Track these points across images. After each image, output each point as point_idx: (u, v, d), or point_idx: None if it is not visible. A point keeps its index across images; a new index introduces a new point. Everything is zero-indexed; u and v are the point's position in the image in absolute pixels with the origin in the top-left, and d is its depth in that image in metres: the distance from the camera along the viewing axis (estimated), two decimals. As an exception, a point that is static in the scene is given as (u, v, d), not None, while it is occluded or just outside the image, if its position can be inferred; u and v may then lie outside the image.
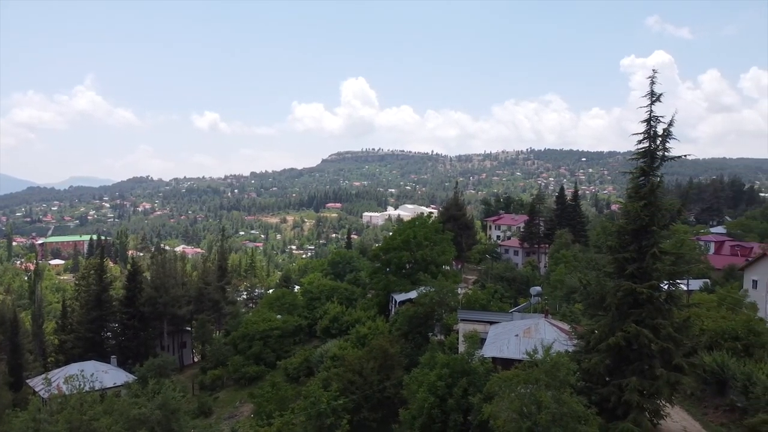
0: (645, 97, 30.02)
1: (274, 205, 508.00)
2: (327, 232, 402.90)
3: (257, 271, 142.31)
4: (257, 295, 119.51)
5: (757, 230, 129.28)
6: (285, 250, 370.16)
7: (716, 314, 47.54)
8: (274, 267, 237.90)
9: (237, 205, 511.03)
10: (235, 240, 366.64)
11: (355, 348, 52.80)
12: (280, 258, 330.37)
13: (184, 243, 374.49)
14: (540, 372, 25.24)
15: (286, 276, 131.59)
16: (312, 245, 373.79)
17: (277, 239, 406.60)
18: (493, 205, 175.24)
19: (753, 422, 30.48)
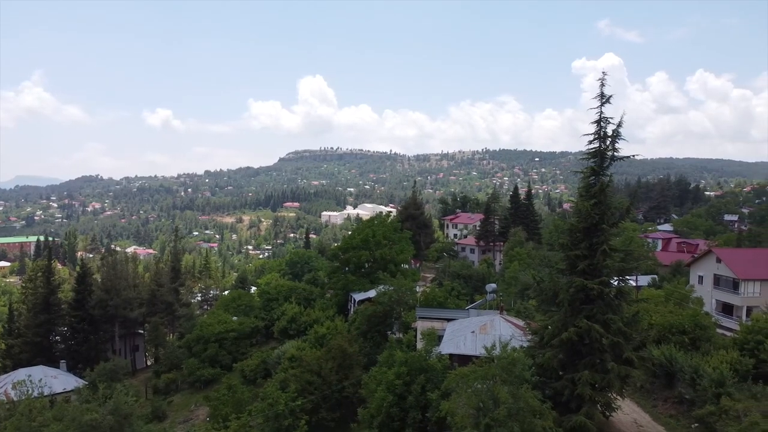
0: (596, 99, 30.91)
1: (230, 205, 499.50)
2: (284, 232, 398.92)
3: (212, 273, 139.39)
4: (212, 296, 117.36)
5: (703, 228, 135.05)
6: (241, 251, 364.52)
7: (664, 309, 49.35)
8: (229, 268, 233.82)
9: (191, 204, 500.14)
10: (188, 240, 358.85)
11: (314, 348, 52.51)
12: (235, 259, 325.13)
13: (136, 244, 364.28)
14: (496, 368, 25.64)
15: (242, 277, 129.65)
16: (269, 245, 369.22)
17: (233, 239, 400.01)
18: (451, 204, 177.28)
19: (700, 413, 31.76)
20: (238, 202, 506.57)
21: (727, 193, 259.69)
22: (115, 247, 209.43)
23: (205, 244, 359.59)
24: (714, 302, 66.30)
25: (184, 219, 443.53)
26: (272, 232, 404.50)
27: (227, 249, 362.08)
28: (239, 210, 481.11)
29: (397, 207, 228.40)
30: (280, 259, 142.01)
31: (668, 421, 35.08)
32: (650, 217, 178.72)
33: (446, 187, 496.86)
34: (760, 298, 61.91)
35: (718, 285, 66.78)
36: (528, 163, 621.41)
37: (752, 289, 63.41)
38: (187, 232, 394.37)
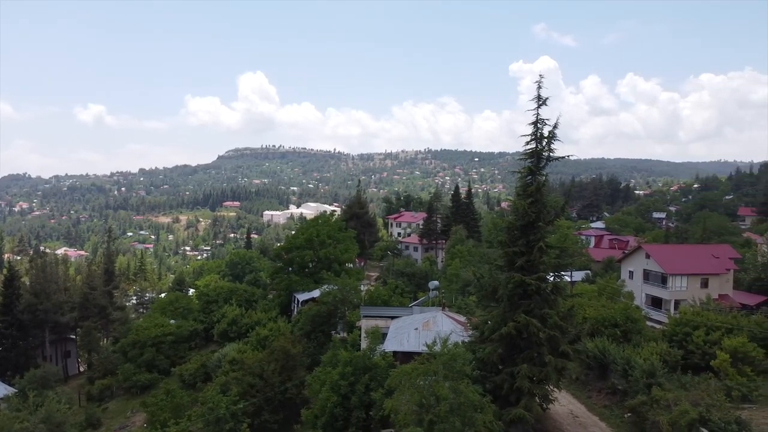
0: (532, 101, 31.77)
1: (166, 204, 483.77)
2: (224, 232, 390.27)
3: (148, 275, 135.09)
4: (148, 299, 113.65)
5: (633, 225, 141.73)
6: (178, 252, 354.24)
7: (597, 303, 51.48)
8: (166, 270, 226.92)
9: (124, 204, 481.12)
10: (122, 241, 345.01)
11: (256, 350, 51.89)
12: (172, 260, 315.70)
13: (67, 245, 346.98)
14: (438, 364, 26.00)
15: (179, 279, 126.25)
16: (208, 246, 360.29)
17: (170, 240, 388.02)
18: (395, 203, 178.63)
19: (632, 403, 33.25)
20: (175, 202, 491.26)
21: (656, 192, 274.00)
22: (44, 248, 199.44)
23: (140, 245, 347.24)
24: (644, 296, 69.72)
25: (118, 219, 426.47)
26: (211, 232, 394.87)
27: (163, 250, 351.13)
28: (176, 210, 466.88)
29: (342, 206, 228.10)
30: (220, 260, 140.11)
31: (602, 412, 36.60)
32: (583, 215, 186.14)
33: (390, 187, 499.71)
34: (687, 291, 65.59)
35: (647, 280, 70.25)
36: (468, 163, 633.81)
37: (679, 283, 67.08)
38: (120, 232, 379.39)
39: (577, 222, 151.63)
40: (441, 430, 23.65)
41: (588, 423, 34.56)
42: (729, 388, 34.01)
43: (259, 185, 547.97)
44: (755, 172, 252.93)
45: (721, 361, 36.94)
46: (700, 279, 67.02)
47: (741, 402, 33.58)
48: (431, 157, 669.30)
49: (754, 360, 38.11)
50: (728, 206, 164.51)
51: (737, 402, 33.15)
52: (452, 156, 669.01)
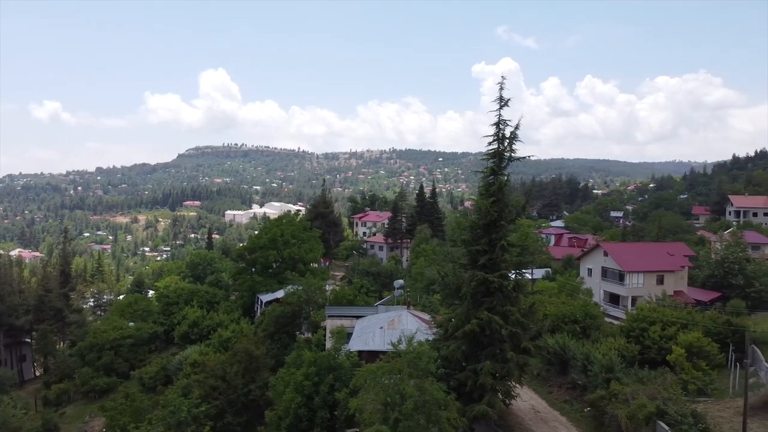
0: (495, 102, 32.27)
1: (124, 204, 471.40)
2: (185, 232, 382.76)
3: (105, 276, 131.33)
4: (106, 301, 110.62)
5: (591, 223, 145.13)
6: (137, 253, 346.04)
7: (557, 300, 52.63)
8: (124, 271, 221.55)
9: (81, 203, 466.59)
10: (79, 242, 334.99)
11: (218, 352, 51.30)
12: (131, 261, 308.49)
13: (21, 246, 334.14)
14: (403, 362, 26.10)
15: (138, 280, 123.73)
16: (168, 246, 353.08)
17: (128, 241, 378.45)
18: (360, 202, 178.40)
19: (592, 398, 34.06)
20: (134, 201, 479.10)
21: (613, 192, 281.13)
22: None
23: (97, 245, 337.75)
24: (602, 293, 71.47)
25: (74, 219, 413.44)
26: (171, 232, 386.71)
27: (122, 251, 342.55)
28: (134, 209, 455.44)
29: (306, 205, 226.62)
30: (180, 261, 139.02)
31: (563, 406, 37.38)
32: (544, 214, 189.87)
33: (355, 186, 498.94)
34: (644, 288, 67.51)
35: (605, 277, 72.00)
36: (432, 162, 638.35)
37: (636, 280, 68.94)
38: (77, 233, 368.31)
39: (537, 221, 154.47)
40: (406, 427, 23.74)
41: (549, 418, 35.25)
42: (685, 382, 35.13)
43: (221, 184, 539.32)
44: (708, 172, 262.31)
45: (677, 355, 38.14)
46: (656, 276, 69.03)
47: (697, 395, 34.70)
48: (396, 156, 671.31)
49: (709, 354, 39.48)
50: (683, 205, 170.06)
51: (693, 395, 34.24)
52: (417, 156, 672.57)
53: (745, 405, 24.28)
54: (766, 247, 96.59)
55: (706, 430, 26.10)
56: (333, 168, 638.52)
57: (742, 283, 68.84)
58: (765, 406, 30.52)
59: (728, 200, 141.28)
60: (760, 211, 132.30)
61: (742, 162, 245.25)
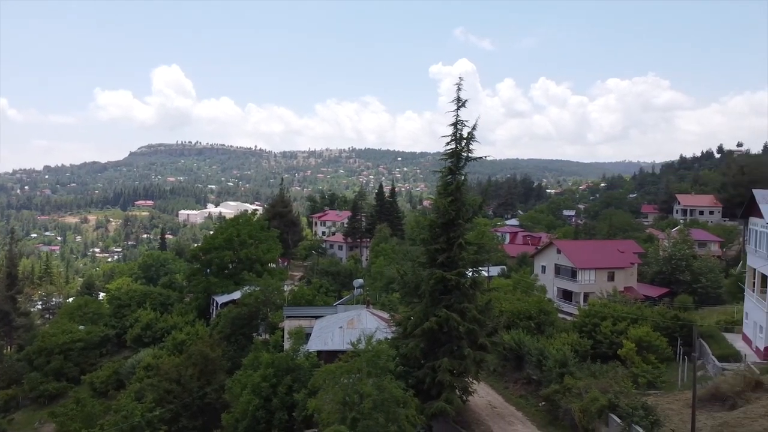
0: (452, 103, 32.67)
1: (74, 204, 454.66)
2: (137, 233, 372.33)
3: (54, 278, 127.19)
4: (55, 304, 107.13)
5: (544, 222, 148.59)
6: (87, 254, 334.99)
7: (513, 297, 53.60)
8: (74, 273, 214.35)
9: (28, 203, 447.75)
10: (26, 243, 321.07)
11: (172, 355, 50.58)
12: (81, 263, 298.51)
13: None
14: (362, 361, 26.09)
15: (88, 282, 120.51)
16: (119, 247, 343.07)
17: (77, 241, 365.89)
18: (319, 201, 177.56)
19: (546, 392, 34.82)
20: (83, 201, 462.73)
21: (566, 191, 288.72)
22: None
23: (45, 246, 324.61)
24: (555, 289, 73.23)
25: (21, 219, 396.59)
26: (122, 233, 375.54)
27: (71, 252, 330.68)
28: (84, 209, 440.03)
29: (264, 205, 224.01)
30: (132, 262, 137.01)
31: (519, 401, 38.09)
32: (499, 212, 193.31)
33: (314, 185, 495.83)
34: (595, 284, 69.47)
35: (558, 274, 73.79)
36: (391, 162, 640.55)
37: (588, 277, 70.91)
38: (24, 233, 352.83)
39: (493, 219, 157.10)
40: (365, 426, 23.75)
41: (505, 413, 35.85)
42: (635, 376, 36.22)
43: (175, 183, 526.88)
44: (657, 172, 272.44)
45: (628, 349, 39.33)
46: (607, 273, 71.15)
47: (647, 388, 35.75)
48: (355, 155, 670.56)
49: (658, 348, 40.86)
50: (632, 204, 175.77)
51: (643, 388, 35.29)
52: (376, 155, 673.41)
53: (693, 397, 25.24)
54: (712, 244, 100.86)
55: (656, 423, 26.91)
56: (291, 167, 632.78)
57: (689, 279, 71.65)
58: (712, 399, 31.72)
59: (676, 199, 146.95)
60: (705, 210, 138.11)
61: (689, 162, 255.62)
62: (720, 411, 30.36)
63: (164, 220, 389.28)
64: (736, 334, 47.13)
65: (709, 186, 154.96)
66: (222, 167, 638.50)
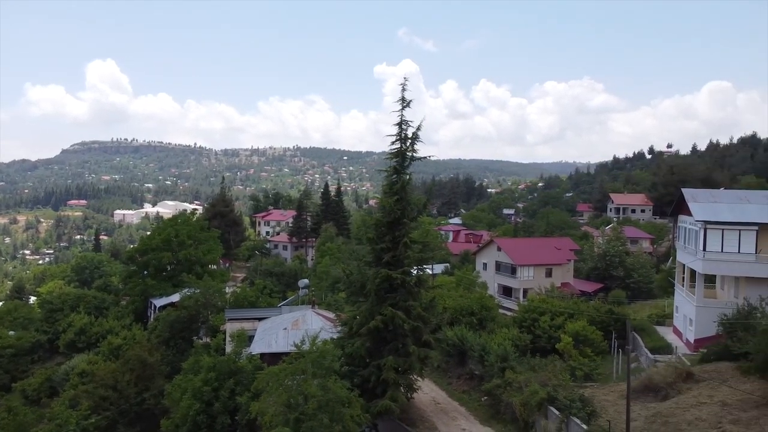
0: (397, 103, 32.94)
1: (2, 203, 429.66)
2: (70, 234, 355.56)
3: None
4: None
5: (486, 220, 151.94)
6: (16, 256, 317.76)
7: (456, 294, 54.51)
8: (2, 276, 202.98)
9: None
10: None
11: (108, 361, 48.91)
12: (10, 265, 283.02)
13: None
14: (306, 362, 25.88)
15: (18, 286, 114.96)
16: (51, 249, 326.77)
17: (6, 243, 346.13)
18: (263, 201, 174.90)
19: (488, 387, 35.52)
20: (12, 201, 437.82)
21: (506, 191, 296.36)
22: None
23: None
24: (496, 286, 74.97)
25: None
26: (54, 234, 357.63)
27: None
28: (13, 209, 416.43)
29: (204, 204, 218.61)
30: (65, 265, 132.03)
31: (462, 397, 38.71)
32: (443, 211, 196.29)
33: (258, 184, 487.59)
34: (534, 280, 71.57)
35: (499, 270, 75.58)
36: (337, 161, 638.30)
37: (527, 273, 72.96)
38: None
39: (437, 218, 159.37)
40: (309, 428, 23.57)
41: (449, 409, 36.39)
42: (573, 369, 37.46)
43: (110, 182, 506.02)
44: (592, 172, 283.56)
45: (565, 343, 40.67)
46: (545, 269, 73.48)
47: (584, 381, 37.09)
48: (300, 154, 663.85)
49: (594, 342, 42.44)
50: (568, 203, 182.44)
51: (580, 381, 36.58)
52: (321, 154, 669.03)
53: (627, 388, 26.30)
54: (643, 241, 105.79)
55: (592, 414, 27.87)
56: (233, 165, 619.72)
57: (622, 275, 74.97)
58: (646, 390, 33.18)
59: (609, 198, 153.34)
60: (637, 208, 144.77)
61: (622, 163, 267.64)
62: (653, 401, 31.77)
63: (98, 220, 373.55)
64: (667, 327, 49.63)
65: (641, 185, 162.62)
66: (160, 165, 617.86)
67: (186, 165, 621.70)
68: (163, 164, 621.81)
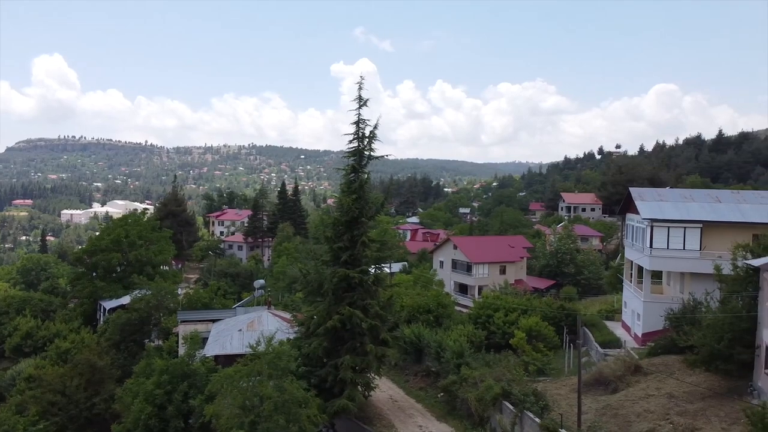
0: (354, 101, 32.94)
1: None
2: (14, 235, 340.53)
3: None
4: None
5: (442, 219, 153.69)
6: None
7: (413, 292, 54.95)
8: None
9: None
10: None
11: (56, 365, 47.49)
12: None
13: None
14: (262, 363, 25.60)
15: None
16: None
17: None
18: (217, 200, 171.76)
19: (444, 383, 35.88)
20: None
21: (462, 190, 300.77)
22: None
23: None
24: (453, 283, 76.00)
25: None
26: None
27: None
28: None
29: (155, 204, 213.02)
30: (10, 266, 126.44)
31: (419, 394, 39.03)
32: (401, 210, 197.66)
33: (211, 183, 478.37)
34: (489, 278, 72.88)
35: (455, 268, 76.65)
36: (294, 160, 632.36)
37: (482, 271, 74.25)
38: None
39: (395, 217, 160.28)
40: (265, 429, 23.35)
41: (406, 406, 36.64)
42: (526, 364, 38.16)
43: (57, 181, 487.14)
44: (544, 171, 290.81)
45: (519, 339, 41.45)
46: (499, 266, 74.94)
47: (537, 375, 37.81)
48: (256, 152, 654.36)
49: (546, 337, 43.37)
50: (521, 202, 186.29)
51: (534, 375, 37.27)
52: (278, 152, 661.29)
53: (579, 382, 26.93)
54: (593, 239, 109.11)
55: (545, 407, 28.46)
56: (186, 163, 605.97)
57: (573, 272, 77.13)
58: (596, 383, 34.16)
59: (560, 197, 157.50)
60: (588, 207, 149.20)
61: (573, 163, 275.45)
62: (603, 394, 32.68)
63: (45, 220, 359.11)
64: (616, 322, 51.15)
65: (591, 185, 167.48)
66: (109, 164, 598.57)
67: (136, 163, 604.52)
68: (113, 162, 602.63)
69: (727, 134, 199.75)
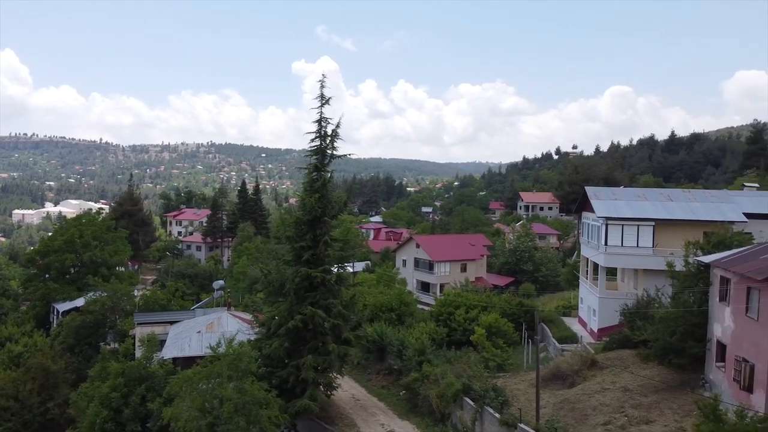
0: (316, 100, 32.84)
1: None
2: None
3: None
4: None
5: (405, 218, 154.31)
6: None
7: (376, 290, 55.07)
8: None
9: None
10: None
11: (8, 370, 45.99)
12: None
13: None
14: (222, 365, 25.29)
15: None
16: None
17: None
18: (174, 199, 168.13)
19: (406, 381, 36.10)
20: None
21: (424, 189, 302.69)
22: None
23: None
24: (415, 282, 76.48)
25: None
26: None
27: None
28: None
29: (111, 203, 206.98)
30: None
31: (381, 392, 39.18)
32: (364, 209, 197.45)
33: (169, 182, 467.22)
34: (450, 276, 73.61)
35: (417, 267, 77.15)
36: (255, 158, 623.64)
37: (444, 269, 74.94)
38: None
39: (358, 216, 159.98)
40: (224, 431, 23.09)
41: (368, 405, 36.74)
42: (486, 360, 38.75)
43: (7, 180, 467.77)
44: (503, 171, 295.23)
45: (479, 335, 42.05)
46: (460, 264, 75.80)
47: (497, 371, 38.35)
48: (215, 151, 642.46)
49: (506, 333, 44.11)
50: (482, 201, 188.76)
51: (493, 371, 37.80)
52: (238, 151, 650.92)
53: (537, 377, 27.47)
54: (551, 237, 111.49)
55: (505, 403, 28.93)
56: (142, 162, 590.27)
57: (532, 269, 78.62)
58: (554, 378, 34.92)
59: (519, 196, 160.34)
60: (545, 206, 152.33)
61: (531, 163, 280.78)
62: (561, 389, 33.41)
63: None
64: (573, 317, 52.38)
65: (548, 184, 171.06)
66: (62, 162, 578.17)
67: (91, 161, 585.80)
68: (66, 161, 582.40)
69: (680, 135, 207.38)
